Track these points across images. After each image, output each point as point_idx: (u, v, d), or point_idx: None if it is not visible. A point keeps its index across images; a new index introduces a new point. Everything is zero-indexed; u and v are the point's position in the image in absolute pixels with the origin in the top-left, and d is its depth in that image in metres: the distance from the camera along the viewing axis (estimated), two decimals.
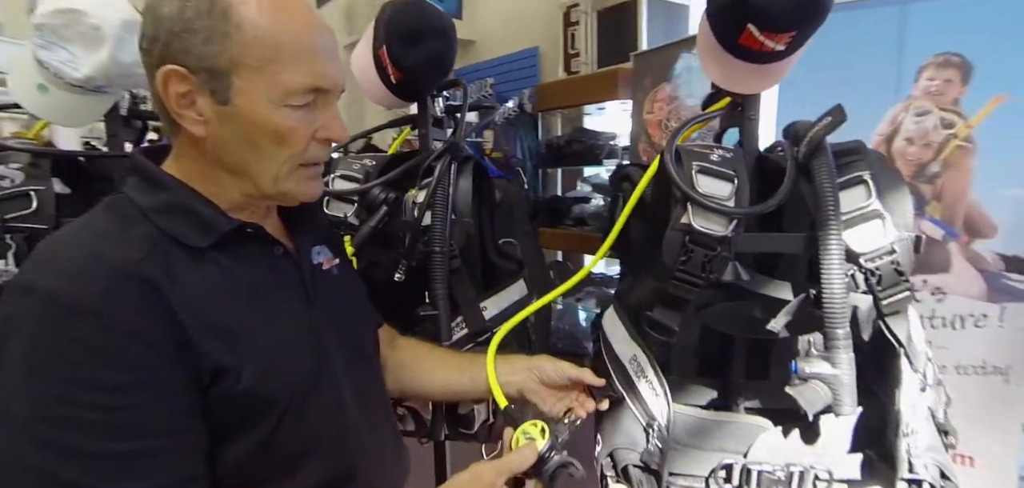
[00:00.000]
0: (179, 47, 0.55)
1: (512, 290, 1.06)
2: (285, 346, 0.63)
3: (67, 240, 0.57)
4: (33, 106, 1.01)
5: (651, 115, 2.41)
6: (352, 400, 0.70)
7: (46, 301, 0.50)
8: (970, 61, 1.43)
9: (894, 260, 0.73)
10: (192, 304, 0.55)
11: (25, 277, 0.54)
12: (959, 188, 1.47)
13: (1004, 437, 1.44)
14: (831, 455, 0.78)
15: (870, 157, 0.79)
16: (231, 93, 0.57)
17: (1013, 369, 1.44)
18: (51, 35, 0.94)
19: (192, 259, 0.58)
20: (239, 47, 0.55)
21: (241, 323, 0.59)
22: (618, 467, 0.81)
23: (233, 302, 0.60)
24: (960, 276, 1.48)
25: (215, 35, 0.55)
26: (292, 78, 0.58)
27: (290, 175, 0.62)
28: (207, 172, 0.62)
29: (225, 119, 0.58)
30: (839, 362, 0.71)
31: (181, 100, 0.57)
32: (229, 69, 0.56)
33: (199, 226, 0.59)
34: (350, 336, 0.74)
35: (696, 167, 0.77)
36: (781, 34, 0.75)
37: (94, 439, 0.50)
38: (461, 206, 1.00)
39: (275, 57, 0.57)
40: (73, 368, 0.50)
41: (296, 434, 0.63)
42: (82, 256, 0.53)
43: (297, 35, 0.58)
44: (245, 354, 0.58)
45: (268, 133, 0.58)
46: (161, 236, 0.57)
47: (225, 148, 0.60)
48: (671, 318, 0.79)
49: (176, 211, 0.59)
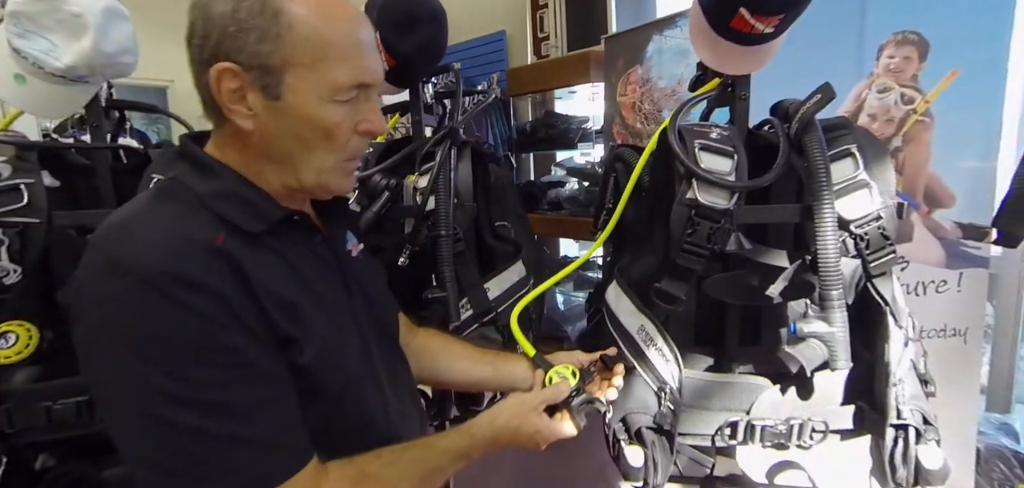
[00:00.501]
0: (232, 46, 0.57)
1: (512, 271, 1.08)
2: (336, 331, 0.66)
3: (140, 222, 0.58)
4: (10, 97, 0.96)
5: (624, 98, 2.45)
6: (387, 381, 0.73)
7: (153, 278, 0.52)
8: (927, 38, 1.51)
9: (880, 225, 0.79)
10: (263, 280, 0.58)
11: (104, 257, 0.54)
12: (919, 161, 1.56)
13: (964, 396, 1.54)
14: (825, 408, 0.84)
15: (856, 131, 0.84)
16: (282, 89, 0.58)
17: (971, 330, 1.54)
18: (29, 23, 0.89)
19: (250, 243, 0.60)
20: (291, 46, 0.57)
21: (300, 301, 0.61)
22: (631, 430, 0.85)
23: (287, 284, 0.61)
24: (922, 245, 1.57)
25: (268, 35, 0.57)
26: (340, 75, 0.60)
27: (334, 168, 0.64)
28: (250, 163, 0.63)
29: (274, 114, 0.59)
30: (834, 320, 0.77)
31: (232, 95, 0.58)
32: (281, 67, 0.58)
33: (253, 212, 0.61)
34: (379, 320, 0.77)
35: (698, 145, 0.81)
36: (771, 17, 0.80)
37: (226, 392, 0.54)
38: (462, 190, 1.01)
39: (324, 56, 0.58)
40: (193, 335, 0.53)
41: (351, 415, 0.66)
42: (168, 235, 0.55)
43: (344, 34, 0.60)
44: (306, 330, 0.61)
45: (316, 128, 0.60)
46: (220, 221, 0.59)
47: (272, 141, 0.61)
48: (678, 288, 0.83)
49: (231, 198, 0.61)
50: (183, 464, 0.53)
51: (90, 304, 0.53)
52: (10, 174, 0.91)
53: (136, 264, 0.52)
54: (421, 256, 0.99)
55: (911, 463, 0.79)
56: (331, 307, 0.67)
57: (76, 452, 1.10)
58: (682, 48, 2.18)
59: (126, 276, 0.52)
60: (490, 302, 1.01)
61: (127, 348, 0.52)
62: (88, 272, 0.55)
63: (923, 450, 0.78)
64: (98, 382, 0.55)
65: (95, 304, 0.53)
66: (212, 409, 0.53)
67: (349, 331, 0.68)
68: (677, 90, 2.21)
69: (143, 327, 0.52)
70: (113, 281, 0.52)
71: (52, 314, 1.06)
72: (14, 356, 0.96)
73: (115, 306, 0.52)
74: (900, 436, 0.80)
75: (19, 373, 1.01)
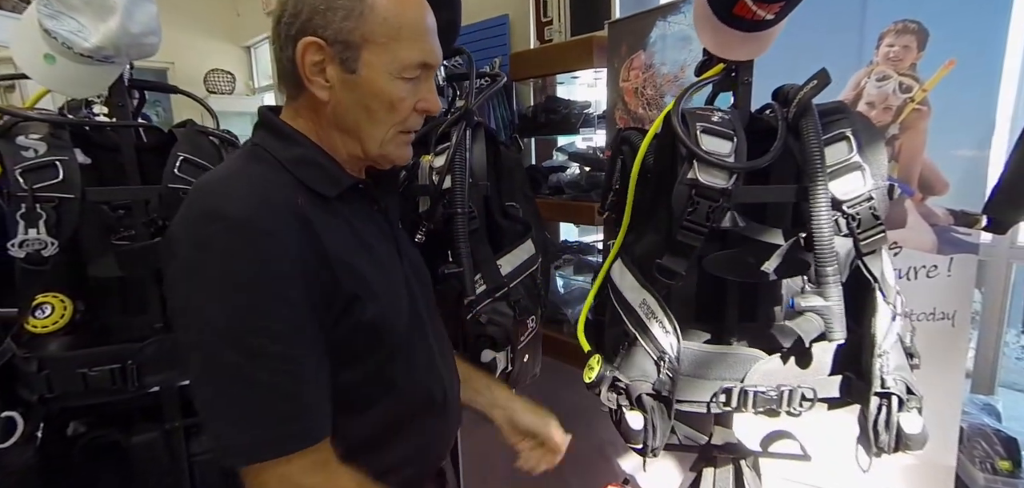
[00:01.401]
0: (320, 22, 0.63)
1: (522, 249, 1.13)
2: (392, 290, 0.73)
3: (232, 179, 0.64)
4: (39, 76, 0.99)
5: (627, 83, 2.47)
6: (433, 337, 0.81)
7: (237, 226, 0.58)
8: (926, 27, 1.54)
9: (872, 206, 0.84)
10: (331, 242, 0.64)
11: (206, 206, 0.60)
12: (915, 149, 1.59)
13: (949, 377, 1.60)
14: (815, 377, 0.90)
15: (852, 116, 0.89)
16: (358, 64, 0.65)
17: (958, 314, 1.59)
18: (59, 4, 0.93)
19: (323, 206, 0.66)
20: (371, 25, 0.64)
21: (362, 264, 0.68)
22: (632, 397, 0.91)
23: (354, 246, 0.68)
24: (915, 231, 1.60)
25: (352, 14, 0.63)
26: (409, 54, 0.66)
27: (393, 139, 0.70)
28: (321, 131, 0.70)
29: (349, 86, 0.66)
30: (830, 295, 0.83)
31: (314, 67, 0.65)
32: (360, 43, 0.64)
33: (328, 178, 0.68)
34: (424, 287, 0.84)
35: (700, 128, 0.86)
36: (772, 4, 0.84)
37: (277, 343, 0.59)
38: (477, 170, 1.06)
39: (397, 36, 0.65)
40: (262, 283, 0.59)
41: (405, 365, 0.73)
42: (256, 193, 0.61)
43: (415, 19, 0.67)
44: (367, 290, 0.67)
45: (383, 100, 0.67)
46: (299, 184, 0.65)
47: (343, 112, 0.67)
48: (678, 263, 0.88)
49: (309, 164, 0.67)
50: (226, 401, 0.59)
51: (184, 244, 0.60)
52: (46, 151, 0.95)
53: (227, 213, 0.58)
54: (436, 233, 1.04)
55: (893, 429, 0.84)
56: (387, 268, 0.73)
57: (106, 419, 1.16)
58: (685, 34, 2.20)
59: (218, 222, 0.58)
60: (503, 278, 1.06)
61: (205, 285, 0.58)
62: (186, 218, 0.61)
63: (904, 417, 0.84)
64: (177, 312, 0.61)
65: (188, 245, 0.59)
66: (264, 355, 0.59)
67: (401, 291, 0.75)
68: (680, 76, 2.24)
69: (222, 268, 0.58)
70: (207, 226, 0.58)
71: (83, 287, 1.11)
72: (52, 326, 1.01)
73: (204, 247, 0.58)
74: (884, 404, 0.85)
75: (53, 343, 1.06)
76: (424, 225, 1.02)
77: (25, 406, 1.03)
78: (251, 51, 6.51)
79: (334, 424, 0.67)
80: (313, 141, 0.69)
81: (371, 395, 0.71)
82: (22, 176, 0.93)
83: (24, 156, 0.94)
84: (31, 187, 0.92)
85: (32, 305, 1.02)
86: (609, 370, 0.95)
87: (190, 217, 0.61)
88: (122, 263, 1.07)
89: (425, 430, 0.79)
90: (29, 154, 0.94)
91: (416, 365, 0.76)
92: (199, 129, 1.15)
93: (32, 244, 0.93)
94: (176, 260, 0.60)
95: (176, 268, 0.60)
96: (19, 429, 1.01)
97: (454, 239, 1.02)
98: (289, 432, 0.60)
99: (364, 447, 0.72)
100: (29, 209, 0.92)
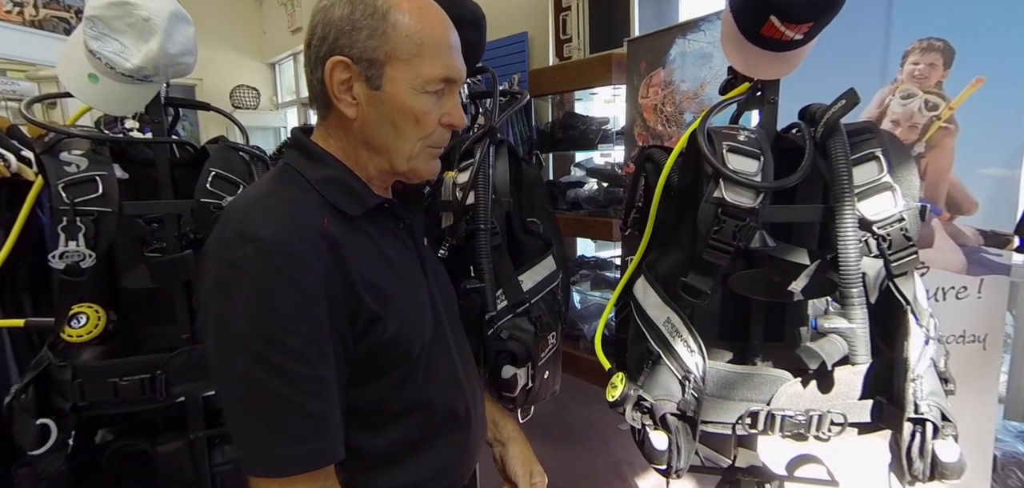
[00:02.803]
0: (346, 42, 0.66)
1: (543, 265, 1.13)
2: (415, 307, 0.74)
3: (264, 201, 0.66)
4: (83, 94, 1.04)
5: (646, 100, 2.48)
6: (456, 353, 0.81)
7: (271, 248, 0.60)
8: (952, 46, 1.52)
9: (903, 226, 0.83)
10: (356, 262, 0.66)
11: (239, 227, 0.62)
12: (942, 167, 1.57)
13: (982, 402, 1.56)
14: (845, 401, 0.88)
15: (882, 135, 0.88)
16: (383, 80, 0.67)
17: (990, 337, 1.55)
18: (104, 27, 0.97)
19: (349, 225, 0.68)
20: (394, 43, 0.66)
21: (385, 282, 0.69)
22: (656, 416, 0.90)
23: (378, 264, 0.70)
24: (943, 251, 1.58)
25: (376, 32, 0.66)
26: (431, 69, 0.68)
27: (420, 153, 0.72)
28: (350, 149, 0.72)
29: (374, 102, 0.68)
30: (854, 317, 0.81)
31: (341, 86, 0.67)
32: (384, 60, 0.66)
33: (354, 198, 0.70)
34: (448, 303, 0.85)
35: (726, 146, 0.86)
36: (801, 24, 0.84)
37: (301, 363, 0.61)
38: (499, 187, 1.07)
39: (419, 52, 0.67)
40: (291, 305, 0.60)
41: (426, 380, 0.74)
42: (287, 216, 0.63)
43: (437, 35, 0.69)
44: (390, 309, 0.68)
45: (408, 115, 0.68)
46: (326, 203, 0.68)
47: (371, 128, 0.69)
48: (704, 282, 0.88)
49: (336, 184, 0.69)
50: (252, 416, 0.61)
51: (218, 263, 0.62)
52: (87, 166, 0.99)
53: (259, 235, 0.60)
54: (458, 249, 1.05)
55: (928, 456, 0.82)
56: (411, 285, 0.74)
57: (133, 428, 1.19)
58: (705, 52, 2.21)
59: (249, 244, 0.60)
60: (524, 294, 1.07)
61: (234, 303, 0.60)
62: (221, 238, 0.63)
63: (940, 445, 0.82)
64: (208, 330, 0.63)
65: (222, 264, 0.61)
66: (287, 374, 0.60)
67: (425, 307, 0.76)
68: (699, 93, 2.24)
69: (251, 288, 0.60)
70: (240, 247, 0.60)
71: (116, 298, 1.14)
72: (85, 335, 1.04)
73: (237, 267, 0.60)
74: (918, 430, 0.83)
75: (86, 352, 1.09)
76: (447, 240, 1.03)
77: (58, 414, 1.06)
78: (275, 67, 6.68)
79: (354, 442, 0.68)
80: (341, 162, 0.71)
81: (393, 411, 0.72)
82: (64, 190, 0.96)
83: (66, 171, 0.97)
84: (72, 201, 0.96)
85: (68, 315, 1.05)
86: (633, 389, 0.95)
87: (224, 237, 0.63)
88: (154, 275, 1.10)
89: (448, 446, 0.80)
90: (71, 169, 0.98)
91: (439, 381, 0.77)
92: (230, 145, 1.18)
93: (71, 256, 0.96)
94: (209, 278, 0.63)
95: (210, 285, 0.62)
96: (53, 436, 1.04)
97: (476, 255, 1.03)
98: (300, 452, 0.62)
99: (386, 462, 0.73)
100: (70, 222, 0.96)
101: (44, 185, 1.05)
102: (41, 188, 1.09)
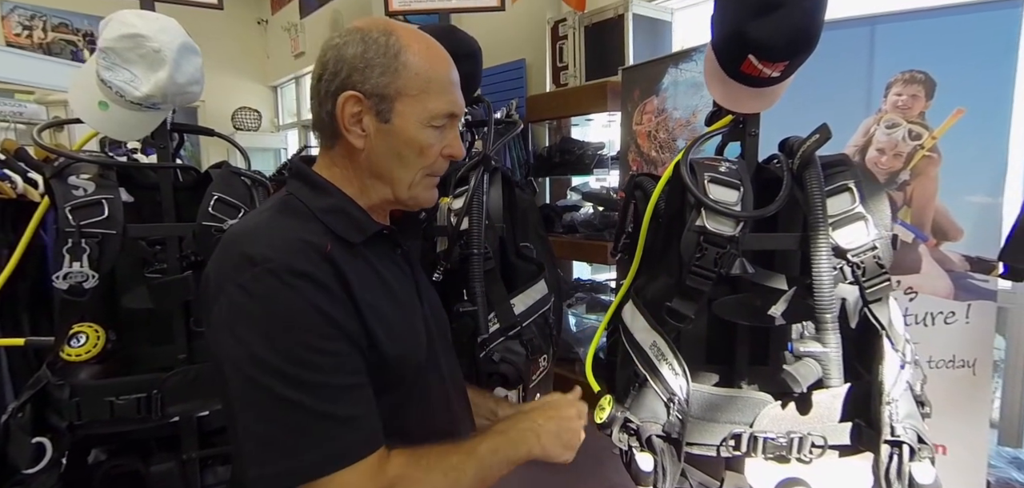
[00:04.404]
0: (358, 79, 0.70)
1: (535, 289, 1.16)
2: (412, 330, 0.77)
3: (266, 227, 0.69)
4: (93, 121, 1.08)
5: (640, 126, 2.53)
6: (448, 377, 0.84)
7: (279, 268, 0.63)
8: (933, 77, 1.57)
9: (876, 255, 0.87)
10: (356, 284, 0.68)
11: (246, 251, 0.65)
12: (927, 194, 1.61)
13: (973, 427, 1.58)
14: (825, 424, 0.91)
15: (855, 168, 0.92)
16: (392, 114, 0.72)
17: (979, 362, 1.57)
18: (116, 57, 1.02)
19: (349, 251, 0.71)
20: (404, 80, 0.71)
21: (383, 305, 0.72)
22: (642, 438, 0.92)
23: (377, 288, 0.73)
24: (930, 276, 1.61)
25: (388, 70, 0.71)
26: (437, 105, 0.73)
27: (421, 182, 0.76)
28: (353, 178, 0.75)
29: (382, 135, 0.72)
30: (828, 342, 0.85)
31: (352, 118, 0.72)
32: (394, 96, 0.71)
33: (355, 226, 0.73)
34: (441, 328, 0.88)
35: (708, 177, 0.90)
36: (777, 63, 0.88)
37: (324, 375, 0.63)
38: (493, 212, 1.10)
39: (427, 89, 0.72)
40: (304, 319, 0.63)
41: (419, 402, 0.77)
42: (289, 238, 0.66)
43: (443, 74, 0.74)
44: (387, 330, 0.71)
45: (414, 147, 0.73)
46: (328, 231, 0.71)
47: (377, 158, 0.74)
48: (687, 307, 0.91)
49: (338, 213, 0.73)
50: (278, 432, 0.62)
51: (229, 287, 0.64)
52: (94, 190, 1.03)
53: (267, 258, 0.63)
54: (452, 272, 1.08)
55: (905, 478, 0.84)
56: (407, 309, 0.77)
57: (126, 448, 1.20)
58: (697, 81, 2.27)
59: (258, 266, 0.63)
60: (516, 317, 1.10)
61: (249, 325, 0.62)
62: (225, 263, 0.66)
63: (916, 467, 0.84)
64: (221, 353, 0.64)
65: (233, 287, 0.63)
66: (308, 386, 0.62)
67: (420, 331, 0.79)
68: (691, 121, 2.29)
69: (265, 308, 0.62)
70: (249, 270, 0.63)
71: (115, 318, 1.17)
72: (85, 355, 1.06)
73: (246, 290, 0.63)
74: (895, 452, 0.85)
75: (83, 371, 1.11)
76: (442, 264, 1.06)
77: (54, 432, 1.07)
78: (277, 90, 6.78)
79: None
80: (343, 191, 0.75)
81: (386, 431, 0.72)
82: (71, 213, 1.00)
83: (74, 195, 1.01)
84: (78, 224, 0.99)
85: (68, 334, 1.07)
86: (620, 411, 0.97)
87: (231, 262, 0.65)
88: (154, 296, 1.13)
89: None
90: (79, 193, 1.01)
91: (431, 403, 0.79)
92: (233, 170, 1.21)
93: (74, 276, 0.99)
94: (219, 304, 0.64)
95: (221, 310, 0.64)
96: (48, 455, 1.05)
97: (470, 278, 1.06)
98: (332, 451, 0.63)
99: None
100: (75, 243, 0.99)
101: (49, 207, 1.08)
102: (46, 209, 1.13)
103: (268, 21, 6.57)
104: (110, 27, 1.02)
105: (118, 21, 1.04)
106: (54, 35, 5.17)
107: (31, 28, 5.07)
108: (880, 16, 1.68)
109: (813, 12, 0.85)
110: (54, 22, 5.17)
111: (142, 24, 1.03)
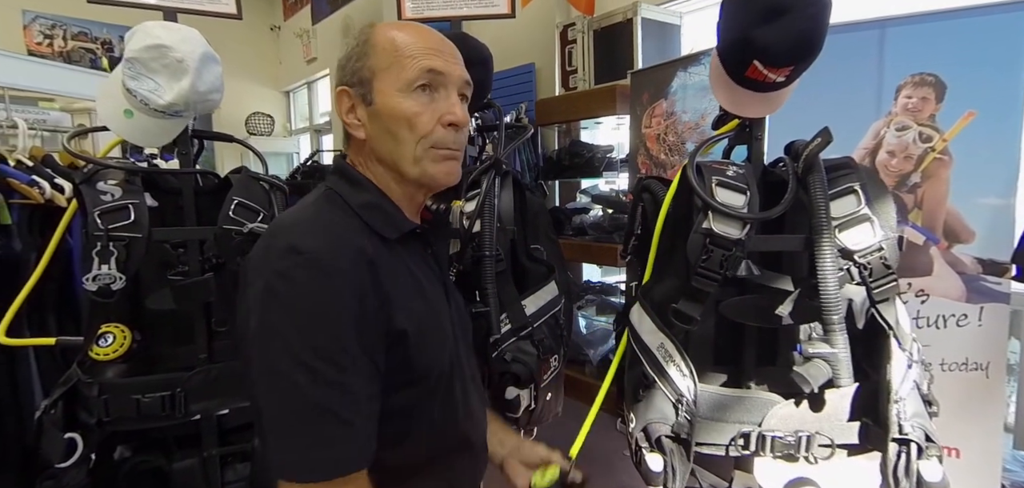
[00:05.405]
0: (346, 75, 0.76)
1: (545, 291, 1.19)
2: (439, 330, 0.78)
3: (309, 220, 0.71)
4: (119, 128, 1.12)
5: (648, 130, 2.55)
6: (470, 379, 0.85)
7: (317, 259, 0.65)
8: (943, 80, 1.57)
9: (882, 256, 0.88)
10: (389, 281, 0.70)
11: (290, 241, 0.66)
12: (938, 197, 1.60)
13: (987, 429, 1.56)
14: (833, 423, 0.92)
15: (860, 170, 0.93)
16: (373, 94, 0.74)
17: (993, 365, 1.56)
18: (141, 67, 1.06)
19: (385, 247, 0.73)
20: (375, 58, 0.74)
21: (414, 303, 0.74)
22: (651, 439, 0.94)
23: (409, 285, 0.74)
24: (941, 279, 1.60)
25: (362, 56, 0.74)
26: (408, 70, 0.73)
27: (424, 155, 0.74)
28: (372, 169, 0.77)
29: (372, 117, 0.74)
30: (836, 343, 0.86)
31: (348, 112, 0.75)
32: (371, 77, 0.74)
33: (390, 223, 0.75)
34: (464, 329, 0.89)
35: (715, 180, 0.91)
36: (782, 68, 0.90)
37: (338, 371, 0.64)
38: (505, 215, 1.13)
39: (397, 59, 0.73)
40: (332, 314, 0.64)
41: (443, 402, 0.77)
42: (330, 233, 0.69)
43: (411, 41, 0.75)
44: (417, 327, 0.72)
45: (399, 119, 0.73)
46: (366, 227, 0.73)
47: (377, 143, 0.75)
48: (693, 309, 0.92)
49: (375, 209, 0.75)
50: (295, 422, 0.63)
51: (265, 273, 0.65)
52: (121, 195, 1.07)
53: (308, 248, 0.65)
54: (465, 274, 1.11)
55: (912, 476, 0.85)
56: (436, 309, 0.79)
57: (151, 445, 1.24)
58: (705, 84, 2.27)
59: (300, 255, 0.65)
60: (527, 318, 1.12)
61: (282, 312, 0.64)
62: (269, 249, 0.67)
63: (924, 465, 0.85)
64: (250, 333, 0.66)
65: (269, 273, 0.65)
66: (330, 384, 0.63)
67: (447, 331, 0.80)
68: (700, 124, 2.30)
69: (300, 296, 0.64)
70: (289, 258, 0.65)
71: (140, 318, 1.21)
72: (112, 354, 1.10)
73: (284, 277, 0.64)
74: (903, 451, 0.86)
75: (110, 370, 1.16)
76: (454, 266, 1.09)
77: (83, 428, 1.12)
78: (290, 95, 6.88)
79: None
80: (377, 187, 0.77)
81: (407, 429, 0.75)
82: (100, 217, 1.04)
83: (103, 200, 1.05)
84: (107, 227, 1.03)
85: (97, 334, 1.12)
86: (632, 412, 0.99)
87: (273, 249, 0.67)
88: (177, 297, 1.17)
89: (455, 469, 0.83)
90: (107, 198, 1.05)
91: (453, 404, 0.80)
92: (252, 175, 1.25)
93: (103, 278, 1.03)
94: (254, 287, 0.66)
95: (255, 294, 0.65)
96: (78, 450, 1.09)
97: (482, 280, 1.09)
98: (329, 457, 0.64)
99: (393, 479, 0.75)
100: (103, 247, 1.03)
101: (77, 211, 1.12)
102: (73, 214, 1.17)
103: (280, 27, 6.67)
104: (135, 38, 1.06)
105: (143, 32, 1.08)
106: (74, 43, 5.29)
107: (52, 37, 5.19)
108: (890, 19, 1.67)
109: (817, 18, 0.87)
110: (74, 31, 5.29)
111: (166, 35, 1.07)
